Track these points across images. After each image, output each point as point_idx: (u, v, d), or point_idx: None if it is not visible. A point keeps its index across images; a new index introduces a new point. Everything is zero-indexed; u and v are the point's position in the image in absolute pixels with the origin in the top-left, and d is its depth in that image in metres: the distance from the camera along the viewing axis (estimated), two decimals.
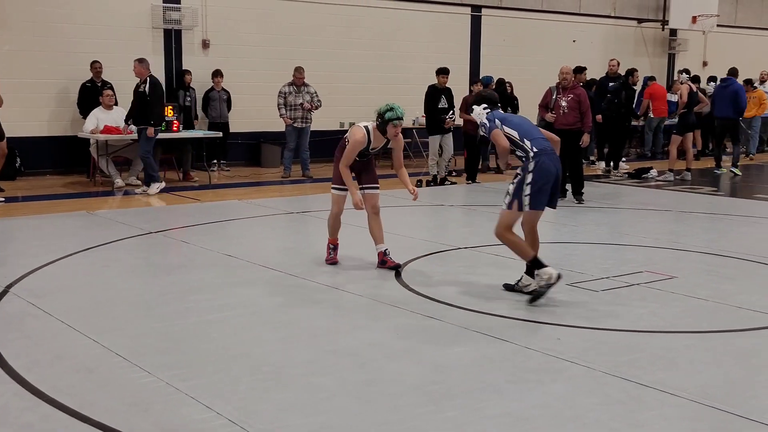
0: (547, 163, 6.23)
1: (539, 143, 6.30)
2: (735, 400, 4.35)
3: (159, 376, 4.57)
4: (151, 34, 14.60)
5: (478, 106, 6.57)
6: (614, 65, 16.01)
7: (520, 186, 6.25)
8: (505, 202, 6.32)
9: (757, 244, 8.78)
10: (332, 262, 7.38)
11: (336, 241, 7.44)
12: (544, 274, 6.08)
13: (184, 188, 12.70)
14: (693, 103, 14.63)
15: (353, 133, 7.10)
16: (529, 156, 6.25)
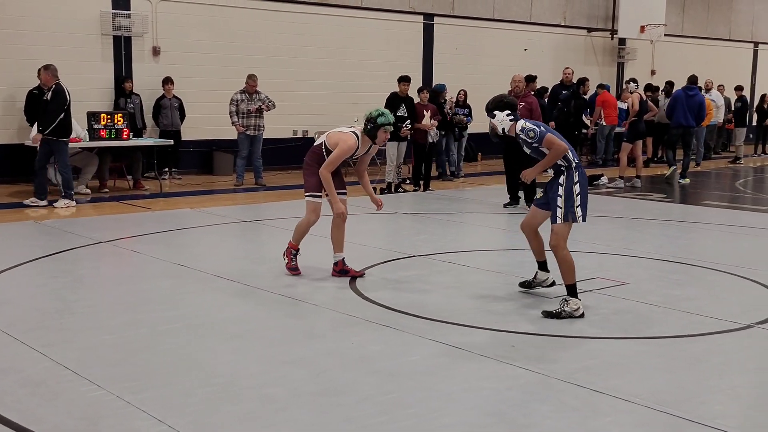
0: (584, 174, 6.25)
1: (575, 154, 6.25)
2: (686, 405, 4.39)
3: (109, 389, 4.48)
4: (100, 40, 14.39)
5: (502, 112, 6.35)
6: (569, 74, 16.17)
7: (570, 197, 6.10)
8: (559, 215, 6.10)
9: (705, 250, 8.92)
10: (296, 272, 7.20)
11: (298, 247, 7.30)
12: (575, 303, 6.04)
13: (134, 197, 12.52)
14: (643, 111, 14.88)
15: (344, 140, 6.89)
16: (572, 166, 6.15)
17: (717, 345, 5.52)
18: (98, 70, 14.39)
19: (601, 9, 21.97)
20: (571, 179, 6.13)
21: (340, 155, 6.86)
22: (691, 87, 15.13)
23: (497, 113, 6.37)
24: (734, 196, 14.23)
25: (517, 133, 6.30)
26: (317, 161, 7.01)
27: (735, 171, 18.49)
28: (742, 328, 5.85)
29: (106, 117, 12.55)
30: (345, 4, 17.07)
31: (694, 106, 15.08)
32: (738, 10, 25.81)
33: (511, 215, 11.10)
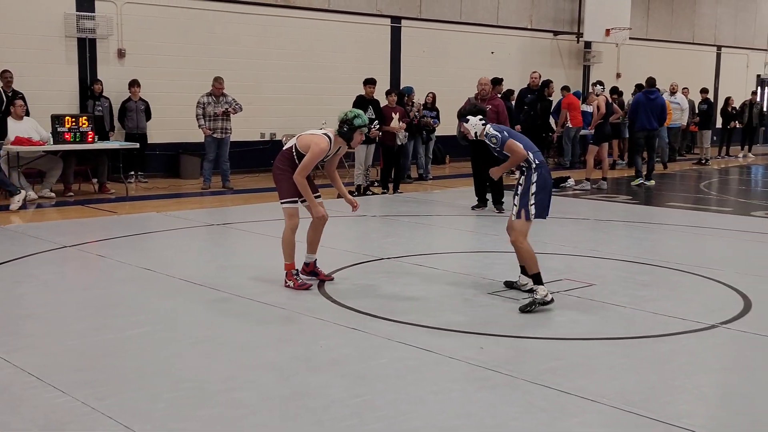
0: (546, 175, 6.55)
1: (539, 156, 6.57)
2: (653, 404, 4.43)
3: (74, 395, 4.42)
4: (64, 43, 14.24)
5: (474, 117, 6.69)
6: (536, 78, 16.22)
7: (526, 195, 6.47)
8: (514, 212, 6.54)
9: (670, 251, 9.01)
10: (305, 286, 6.83)
11: (295, 267, 6.90)
12: (543, 290, 6.35)
13: (99, 200, 12.40)
14: (609, 114, 15.02)
15: (317, 143, 6.73)
16: (532, 167, 6.48)
17: (682, 345, 5.57)
18: (63, 73, 14.25)
19: (566, 12, 22.14)
20: (529, 179, 6.48)
21: (313, 158, 6.71)
22: (651, 90, 15.23)
23: (470, 118, 6.70)
24: (699, 197, 14.41)
25: (485, 138, 6.68)
26: (289, 165, 6.84)
27: (700, 173, 18.72)
28: (707, 328, 5.91)
29: (70, 120, 12.42)
30: (312, 6, 17.05)
31: (656, 108, 15.24)
32: (701, 14, 26.15)
33: (479, 217, 11.14)
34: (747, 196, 15.20)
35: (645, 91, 15.24)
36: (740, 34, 27.59)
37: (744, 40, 27.72)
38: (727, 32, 27.15)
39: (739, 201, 14.02)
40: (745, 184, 17.65)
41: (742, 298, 6.78)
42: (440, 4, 19.28)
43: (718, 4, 26.65)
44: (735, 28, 27.42)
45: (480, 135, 6.71)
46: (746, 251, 9.35)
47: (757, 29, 28.15)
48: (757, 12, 28.10)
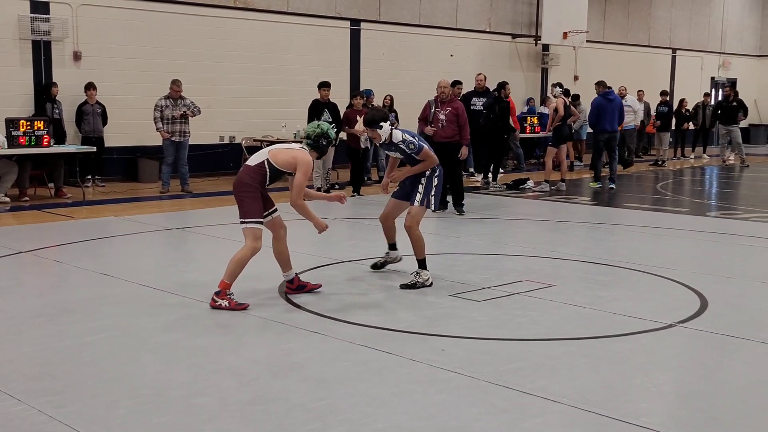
0: (441, 175, 7.41)
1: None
2: (612, 404, 4.47)
3: (31, 403, 4.35)
4: (18, 45, 14.02)
5: (386, 123, 7.13)
6: (481, 80, 16.17)
7: (429, 187, 7.21)
8: (417, 199, 7.18)
9: (629, 251, 9.11)
10: (243, 305, 6.33)
11: (230, 286, 6.44)
12: (426, 275, 7.11)
13: (56, 205, 12.22)
14: (567, 115, 15.14)
15: (305, 160, 6.38)
16: (435, 168, 7.29)
17: (641, 344, 5.64)
18: (17, 76, 14.03)
19: (524, 15, 22.31)
20: (432, 173, 7.24)
21: (306, 176, 6.43)
22: (608, 92, 15.14)
23: (383, 124, 7.11)
24: (656, 198, 14.60)
25: (396, 143, 7.15)
26: (260, 182, 6.44)
27: (656, 174, 18.97)
28: (665, 327, 5.99)
29: (25, 124, 12.22)
30: (271, 9, 16.98)
31: (614, 110, 15.22)
32: (657, 17, 26.52)
33: (440, 220, 11.17)
34: (702, 197, 15.44)
35: (602, 93, 15.15)
36: (695, 36, 28.03)
37: (698, 43, 28.17)
38: (681, 35, 27.56)
39: (694, 201, 14.23)
40: (699, 185, 17.92)
41: (699, 297, 6.88)
42: (399, 6, 19.32)
43: (673, 8, 27.05)
44: (690, 31, 27.85)
45: (388, 140, 7.15)
46: (702, 251, 9.50)
47: (711, 32, 28.63)
48: (711, 15, 28.57)
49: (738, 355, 5.49)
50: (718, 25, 28.84)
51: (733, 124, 21.28)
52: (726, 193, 16.36)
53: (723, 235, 10.31)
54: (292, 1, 17.32)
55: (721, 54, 29.04)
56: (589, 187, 15.34)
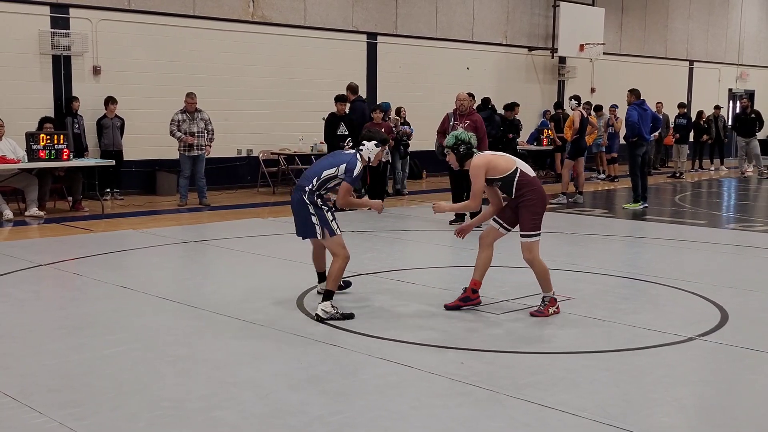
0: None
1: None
2: (632, 417, 4.44)
3: (52, 415, 4.37)
4: (39, 60, 14.16)
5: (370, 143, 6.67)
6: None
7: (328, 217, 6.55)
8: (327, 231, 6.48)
9: (648, 264, 9.06)
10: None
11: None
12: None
13: (74, 218, 12.29)
14: (584, 128, 15.07)
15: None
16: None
17: (661, 358, 5.60)
18: (37, 90, 14.15)
19: (541, 28, 22.32)
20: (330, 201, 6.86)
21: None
22: (641, 101, 14.40)
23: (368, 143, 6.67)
24: (674, 210, 14.52)
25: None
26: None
27: (674, 186, 18.88)
28: (685, 341, 5.95)
29: (45, 138, 12.32)
30: (288, 23, 17.07)
31: (648, 119, 14.46)
32: (673, 29, 26.45)
33: None
34: (720, 209, 15.34)
35: (636, 102, 14.28)
36: (712, 48, 27.93)
37: (716, 55, 28.07)
38: (698, 47, 27.48)
39: (712, 214, 14.14)
40: (717, 197, 17.82)
41: (719, 310, 6.83)
42: (416, 20, 19.37)
43: (689, 20, 26.98)
44: (707, 43, 27.76)
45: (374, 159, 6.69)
46: (721, 264, 9.43)
47: (728, 44, 28.53)
48: (728, 27, 28.48)
49: (759, 368, 5.44)
50: (735, 37, 28.74)
51: (751, 135, 21.17)
52: (745, 205, 16.25)
53: (743, 248, 10.24)
54: (309, 15, 17.41)
55: (738, 65, 28.92)
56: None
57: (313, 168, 6.66)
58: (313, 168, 6.66)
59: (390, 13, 18.85)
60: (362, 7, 18.30)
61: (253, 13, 16.63)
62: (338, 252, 6.48)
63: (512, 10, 21.53)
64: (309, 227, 6.51)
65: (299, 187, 6.57)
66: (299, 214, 6.55)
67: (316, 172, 6.56)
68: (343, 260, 6.48)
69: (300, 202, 6.52)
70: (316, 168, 6.62)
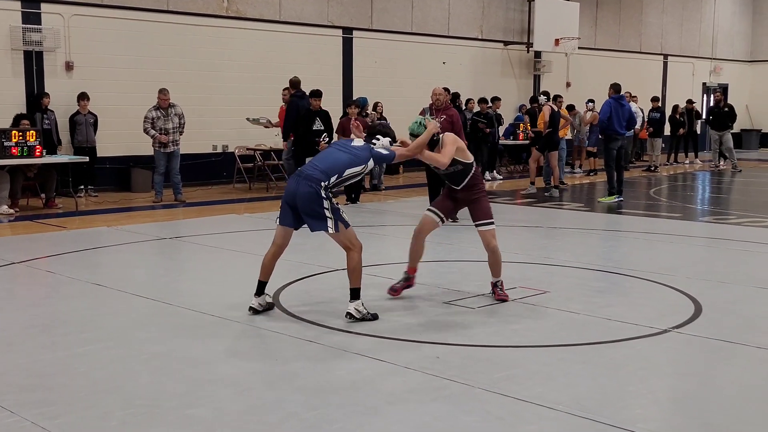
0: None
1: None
2: (608, 410, 4.46)
3: (24, 415, 4.32)
4: (10, 56, 14.00)
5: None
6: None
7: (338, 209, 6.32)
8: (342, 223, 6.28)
9: (623, 257, 9.12)
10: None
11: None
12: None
13: (47, 215, 12.18)
14: (555, 122, 15.18)
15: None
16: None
17: (636, 350, 5.63)
18: (9, 87, 14.00)
19: (516, 23, 22.37)
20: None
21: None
22: (620, 95, 14.47)
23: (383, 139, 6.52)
24: (649, 204, 14.61)
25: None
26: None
27: (649, 179, 19.01)
28: (659, 333, 5.98)
29: (17, 134, 12.19)
30: (263, 18, 17.00)
31: (625, 114, 14.48)
32: (648, 23, 26.61)
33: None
34: (694, 202, 15.47)
35: (614, 97, 14.36)
36: (686, 42, 28.13)
37: (690, 49, 28.27)
38: (673, 41, 27.66)
39: (687, 207, 14.25)
40: (692, 190, 17.96)
41: (693, 302, 6.88)
42: (391, 14, 19.35)
43: (664, 14, 27.15)
44: (681, 37, 27.96)
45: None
46: (695, 256, 9.51)
47: (702, 38, 28.74)
48: (702, 21, 28.69)
49: (733, 360, 5.49)
50: (708, 31, 28.96)
51: (724, 129, 21.34)
52: (719, 198, 16.40)
53: (716, 240, 10.33)
54: (285, 10, 17.34)
55: (712, 60, 29.16)
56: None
57: (328, 162, 6.27)
58: (328, 162, 6.27)
59: (365, 8, 18.82)
60: (337, 2, 18.26)
61: (228, 8, 16.55)
62: (355, 243, 6.30)
63: (488, 4, 21.57)
64: (322, 222, 6.20)
65: (310, 179, 6.17)
66: (311, 209, 6.18)
67: (334, 168, 6.22)
68: (360, 251, 6.31)
69: (313, 196, 6.14)
70: (332, 163, 6.25)
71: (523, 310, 6.61)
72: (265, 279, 6.42)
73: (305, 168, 6.37)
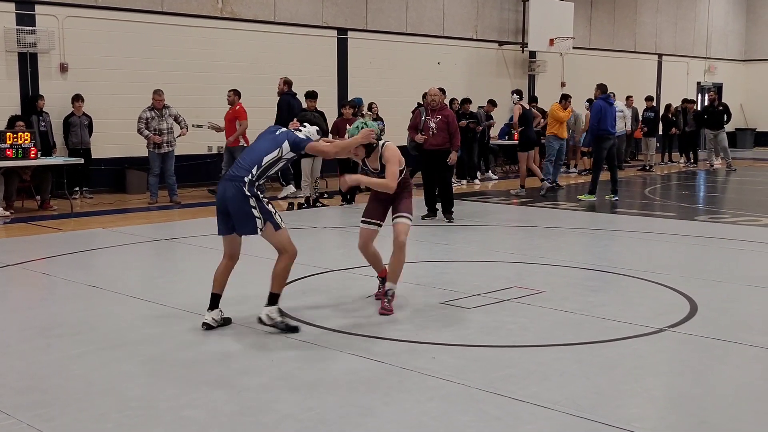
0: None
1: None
2: (603, 409, 4.47)
3: (19, 417, 4.31)
4: (4, 57, 13.98)
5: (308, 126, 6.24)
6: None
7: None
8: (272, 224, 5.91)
9: (618, 256, 9.12)
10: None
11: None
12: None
13: (42, 217, 12.16)
14: (528, 121, 15.33)
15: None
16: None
17: (631, 349, 5.63)
18: (3, 88, 13.98)
19: (511, 23, 22.38)
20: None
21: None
22: (608, 95, 14.58)
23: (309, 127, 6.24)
24: (644, 203, 14.62)
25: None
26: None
27: (644, 179, 19.03)
28: (655, 332, 5.99)
29: (12, 136, 12.16)
30: (257, 18, 16.98)
31: (613, 114, 14.74)
32: (642, 23, 26.64)
33: (430, 227, 11.16)
34: (689, 201, 15.48)
35: (602, 97, 14.43)
36: (680, 42, 28.17)
37: (684, 48, 28.31)
38: (667, 40, 27.70)
39: (682, 206, 14.26)
40: (687, 189, 17.98)
41: (688, 301, 6.89)
42: (386, 15, 19.35)
43: (658, 13, 27.18)
44: (675, 37, 27.99)
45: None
46: (690, 255, 9.52)
47: (696, 37, 28.78)
48: (696, 20, 28.73)
49: (728, 358, 5.50)
50: (703, 30, 29.00)
51: (719, 128, 21.36)
52: (713, 197, 16.42)
53: (711, 239, 10.35)
54: (279, 11, 17.33)
55: (706, 59, 29.20)
56: (581, 200, 14.29)
57: (248, 157, 5.97)
58: (248, 157, 5.97)
59: (360, 9, 18.82)
60: (332, 3, 18.25)
61: (222, 9, 16.54)
62: (286, 247, 5.98)
63: (482, 4, 21.57)
64: (250, 222, 5.86)
65: (234, 178, 5.88)
66: (238, 208, 5.85)
67: (253, 160, 5.92)
68: (291, 257, 5.99)
69: (238, 196, 5.83)
70: (251, 156, 5.96)
71: (519, 310, 6.61)
72: (219, 292, 6.11)
73: (231, 168, 6.05)
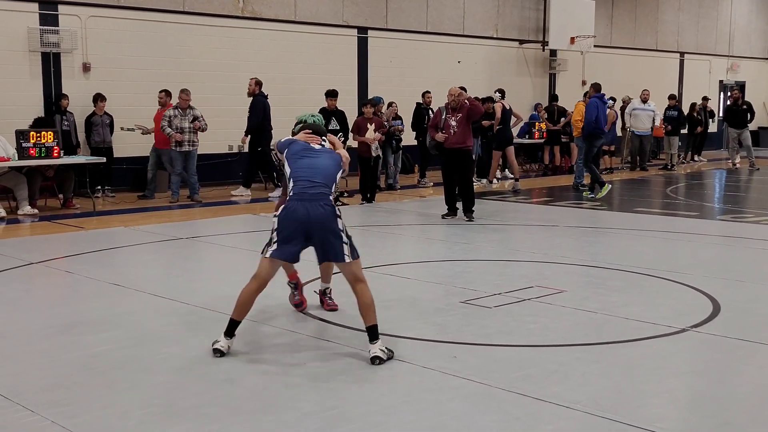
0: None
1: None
2: (625, 409, 4.45)
3: (43, 414, 4.35)
4: (28, 57, 14.08)
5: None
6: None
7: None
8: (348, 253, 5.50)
9: (640, 256, 9.07)
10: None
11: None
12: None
13: (65, 216, 12.25)
14: (507, 120, 15.83)
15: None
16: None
17: (653, 350, 5.61)
18: (27, 88, 14.08)
19: (532, 21, 22.30)
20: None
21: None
22: (602, 95, 14.94)
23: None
24: (666, 202, 14.54)
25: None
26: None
27: (666, 178, 18.91)
28: (677, 332, 5.96)
29: (35, 135, 12.27)
30: (278, 18, 17.02)
31: (605, 112, 15.23)
32: (664, 21, 26.46)
33: (449, 226, 11.16)
34: (712, 201, 15.38)
35: (597, 95, 14.72)
36: (702, 40, 27.95)
37: (706, 47, 28.09)
38: (689, 39, 27.49)
39: (704, 205, 14.17)
40: (709, 188, 17.85)
41: (711, 301, 6.85)
42: (406, 14, 19.34)
43: (680, 11, 26.99)
44: (697, 35, 27.78)
45: None
46: (713, 255, 9.46)
47: (718, 35, 28.55)
48: (718, 18, 28.50)
49: (751, 359, 5.46)
50: (725, 28, 28.76)
51: (743, 127, 21.20)
52: (736, 196, 16.29)
53: (734, 239, 10.27)
54: (300, 10, 17.37)
55: (729, 57, 28.96)
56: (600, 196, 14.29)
57: (321, 171, 5.48)
58: (321, 171, 5.48)
59: (380, 8, 18.82)
60: (352, 2, 18.26)
61: (243, 9, 16.59)
62: (363, 276, 5.51)
63: (503, 3, 21.51)
64: (339, 248, 5.38)
65: (321, 197, 5.36)
66: (330, 231, 5.37)
67: (326, 177, 5.48)
68: (366, 283, 5.49)
69: (331, 215, 5.35)
70: (325, 171, 5.51)
71: (540, 310, 6.59)
72: (240, 319, 5.48)
73: (302, 188, 5.42)
